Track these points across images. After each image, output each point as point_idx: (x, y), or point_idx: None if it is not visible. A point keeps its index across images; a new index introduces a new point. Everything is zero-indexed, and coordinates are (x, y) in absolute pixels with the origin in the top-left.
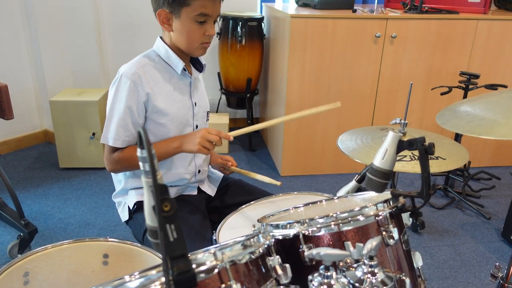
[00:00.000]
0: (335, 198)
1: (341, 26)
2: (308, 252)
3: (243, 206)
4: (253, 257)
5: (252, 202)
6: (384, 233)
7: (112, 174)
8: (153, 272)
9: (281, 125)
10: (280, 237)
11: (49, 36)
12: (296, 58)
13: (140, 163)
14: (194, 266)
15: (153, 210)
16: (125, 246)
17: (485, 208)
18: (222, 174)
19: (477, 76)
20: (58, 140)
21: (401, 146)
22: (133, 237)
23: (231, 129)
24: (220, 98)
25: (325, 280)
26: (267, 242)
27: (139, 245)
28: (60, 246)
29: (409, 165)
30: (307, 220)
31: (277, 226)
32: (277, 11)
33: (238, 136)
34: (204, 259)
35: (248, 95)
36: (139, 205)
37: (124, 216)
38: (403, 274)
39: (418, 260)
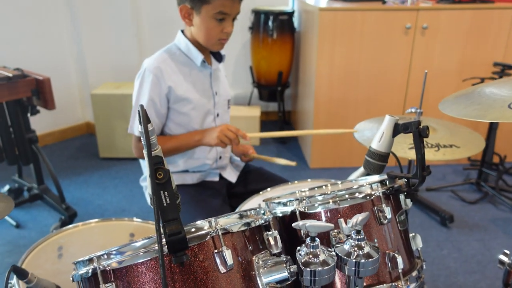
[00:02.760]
0: (339, 182)
1: (371, 18)
2: (295, 223)
3: (261, 192)
4: (248, 228)
5: (268, 189)
6: (378, 212)
7: (140, 160)
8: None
9: (310, 118)
10: (280, 214)
11: (91, 33)
12: (325, 51)
13: (141, 138)
14: (193, 230)
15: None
16: (149, 226)
17: None
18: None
19: (511, 67)
20: (99, 132)
21: (397, 129)
22: None
23: (262, 122)
24: (252, 91)
25: (311, 250)
26: (265, 217)
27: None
28: (89, 224)
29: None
30: (305, 198)
31: (278, 204)
32: (308, 5)
33: (269, 129)
34: (200, 225)
35: (279, 88)
36: None
37: (149, 199)
38: (396, 252)
39: (418, 242)
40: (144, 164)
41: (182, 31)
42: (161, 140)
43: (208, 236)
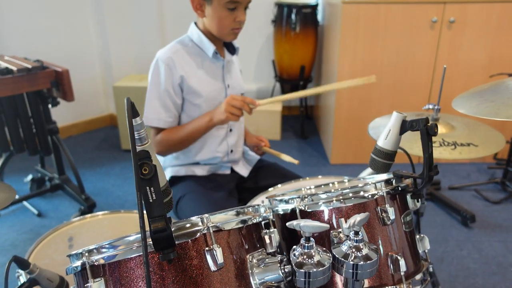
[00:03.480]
0: (345, 179)
1: (395, 11)
2: (289, 223)
3: (271, 188)
4: (244, 225)
5: (279, 185)
6: (381, 212)
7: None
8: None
9: (332, 112)
10: (282, 212)
11: (116, 25)
12: (348, 45)
13: (135, 131)
14: (188, 225)
15: None
16: None
17: None
18: (258, 157)
19: None
20: (121, 124)
21: (404, 126)
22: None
23: (284, 116)
24: (274, 85)
25: (305, 251)
26: (264, 214)
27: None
28: (97, 216)
29: (436, 151)
30: (307, 196)
31: (280, 201)
32: None
33: (291, 124)
34: (193, 222)
35: (301, 82)
36: (172, 179)
37: None
38: (400, 254)
39: (425, 244)
40: (163, 159)
41: (195, 23)
42: (172, 131)
43: (199, 234)
